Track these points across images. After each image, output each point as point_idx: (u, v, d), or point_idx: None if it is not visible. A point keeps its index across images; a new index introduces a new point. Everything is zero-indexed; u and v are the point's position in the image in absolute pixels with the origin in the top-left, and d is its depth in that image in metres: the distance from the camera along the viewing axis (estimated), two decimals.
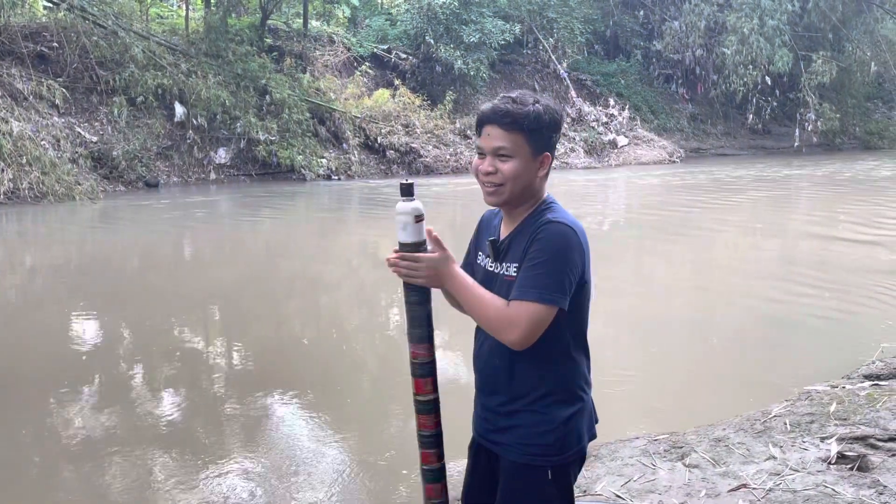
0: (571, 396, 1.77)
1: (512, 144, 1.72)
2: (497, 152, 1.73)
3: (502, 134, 1.72)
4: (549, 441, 1.75)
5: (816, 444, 3.21)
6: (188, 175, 16.17)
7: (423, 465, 1.82)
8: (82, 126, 15.14)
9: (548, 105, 1.76)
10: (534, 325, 1.65)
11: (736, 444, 3.26)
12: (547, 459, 1.75)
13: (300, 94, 17.95)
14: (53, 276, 8.13)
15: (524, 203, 1.79)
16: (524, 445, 1.76)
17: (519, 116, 1.70)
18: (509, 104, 1.72)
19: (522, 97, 1.74)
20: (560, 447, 1.75)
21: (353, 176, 17.96)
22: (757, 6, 24.24)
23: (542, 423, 1.75)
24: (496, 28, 21.85)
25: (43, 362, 5.16)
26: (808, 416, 3.52)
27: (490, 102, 1.78)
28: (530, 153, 1.73)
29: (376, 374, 5.19)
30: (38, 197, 12.23)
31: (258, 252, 9.85)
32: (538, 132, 1.73)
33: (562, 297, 1.66)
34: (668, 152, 23.91)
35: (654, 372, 5.05)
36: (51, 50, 15.72)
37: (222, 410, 4.39)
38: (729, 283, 7.86)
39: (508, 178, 1.73)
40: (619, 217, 13.64)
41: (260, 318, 6.47)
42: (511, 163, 1.72)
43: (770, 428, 3.43)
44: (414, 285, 1.76)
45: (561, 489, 1.78)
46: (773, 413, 3.61)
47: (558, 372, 1.76)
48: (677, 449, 3.26)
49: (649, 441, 3.37)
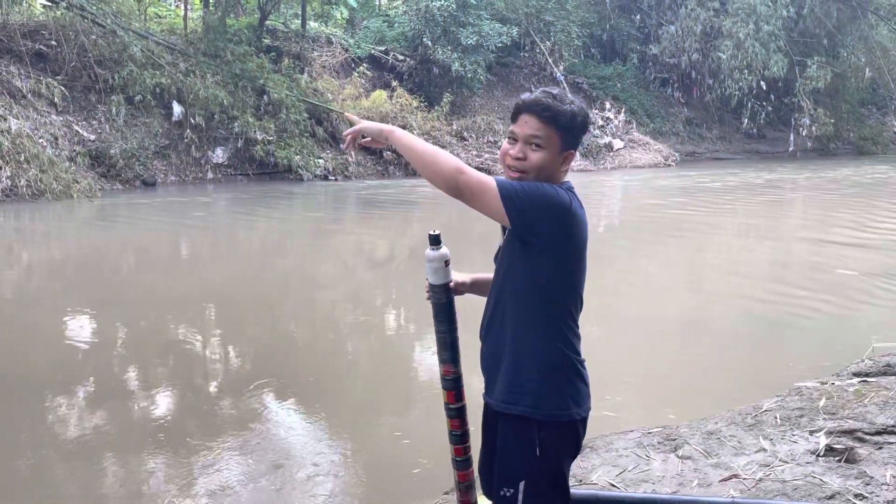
0: (555, 358, 1.87)
1: (545, 136, 1.83)
2: (530, 140, 1.84)
3: (538, 125, 1.83)
4: (528, 388, 1.86)
5: (806, 437, 3.29)
6: (185, 174, 16.21)
7: (454, 457, 2.08)
8: (80, 124, 15.17)
9: (582, 107, 1.89)
10: (471, 187, 1.77)
11: (728, 437, 3.33)
12: (525, 409, 1.85)
13: (298, 95, 18.01)
14: (50, 274, 8.17)
15: None
16: (506, 393, 1.89)
17: (557, 112, 1.83)
18: (548, 98, 1.84)
19: (561, 95, 1.87)
20: (543, 401, 1.86)
21: (350, 177, 18.02)
22: (753, 11, 24.39)
23: (524, 372, 1.87)
24: (493, 30, 21.94)
25: (38, 360, 5.19)
26: (798, 410, 3.60)
27: (531, 94, 1.90)
28: (559, 148, 1.85)
29: (371, 373, 5.23)
30: (36, 195, 12.26)
31: (254, 251, 9.90)
32: (570, 130, 1.86)
33: (511, 201, 1.76)
34: (663, 156, 24.04)
35: (648, 369, 5.13)
36: (49, 48, 15.75)
37: (217, 409, 4.42)
38: (722, 284, 7.94)
39: (534, 167, 1.84)
40: (614, 219, 13.73)
41: (255, 318, 6.52)
42: (540, 153, 1.84)
43: (761, 422, 3.50)
44: (441, 317, 2.00)
45: (549, 448, 1.86)
46: (764, 408, 3.68)
47: (545, 335, 1.87)
48: (671, 441, 3.32)
49: (643, 433, 3.44)
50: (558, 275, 1.86)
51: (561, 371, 1.88)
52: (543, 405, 1.86)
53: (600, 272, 8.49)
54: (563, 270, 1.87)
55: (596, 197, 16.76)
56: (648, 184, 18.90)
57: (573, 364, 1.90)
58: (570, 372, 1.89)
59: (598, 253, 9.83)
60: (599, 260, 9.20)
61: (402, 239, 10.03)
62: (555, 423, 1.86)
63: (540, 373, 1.86)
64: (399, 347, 5.90)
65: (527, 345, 1.87)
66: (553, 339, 1.87)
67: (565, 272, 1.87)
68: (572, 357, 1.90)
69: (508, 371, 1.89)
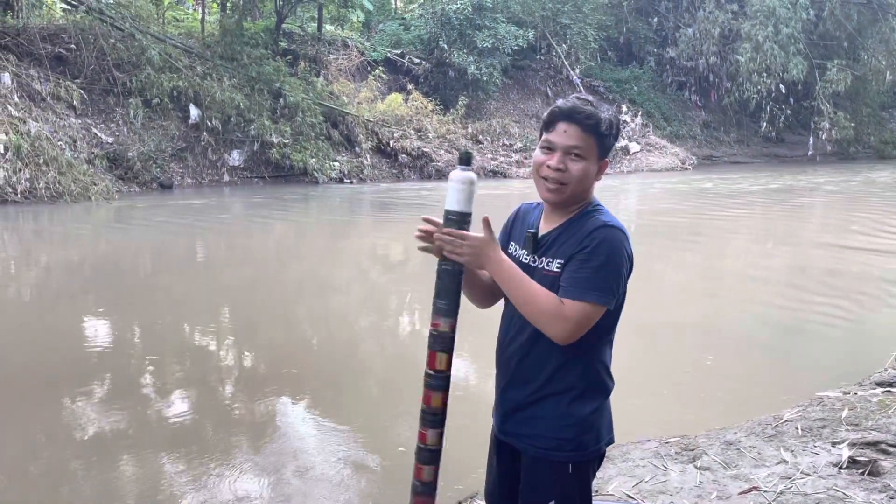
0: (594, 392, 1.79)
1: (586, 145, 1.73)
2: (571, 150, 1.73)
3: (580, 134, 1.73)
4: (569, 435, 1.76)
5: (828, 448, 3.21)
6: (202, 177, 16.29)
7: (419, 444, 1.83)
8: (98, 127, 15.29)
9: (615, 114, 1.80)
10: (583, 323, 1.68)
11: (747, 448, 3.27)
12: (568, 454, 1.76)
13: (314, 98, 18.06)
14: (68, 275, 8.22)
15: (575, 203, 1.80)
16: (545, 438, 1.77)
17: (599, 120, 1.73)
18: (587, 106, 1.74)
19: (596, 103, 1.77)
20: (580, 443, 1.77)
21: (365, 179, 18.03)
22: (772, 14, 24.17)
23: (564, 417, 1.76)
24: (509, 34, 21.90)
25: (56, 361, 5.21)
26: (820, 421, 3.52)
27: (566, 101, 1.78)
28: (597, 157, 1.77)
29: (385, 376, 5.21)
30: (55, 197, 12.37)
31: (269, 254, 9.91)
32: (607, 138, 1.76)
33: (612, 300, 1.70)
34: (680, 159, 23.87)
35: (666, 377, 5.05)
36: (69, 52, 15.90)
37: (232, 412, 4.42)
38: (741, 290, 7.84)
39: (574, 179, 1.74)
40: (630, 223, 13.63)
41: (270, 320, 6.51)
42: (582, 164, 1.74)
43: (782, 432, 3.43)
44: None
45: (581, 486, 1.80)
46: (784, 418, 3.61)
47: (585, 367, 1.78)
48: (688, 451, 3.26)
49: (661, 444, 3.38)
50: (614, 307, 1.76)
51: (601, 405, 1.81)
52: (586, 445, 1.78)
53: None
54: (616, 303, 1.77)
55: (612, 201, 16.64)
56: (665, 188, 18.76)
57: (604, 398, 1.83)
58: (601, 407, 1.82)
59: None
60: None
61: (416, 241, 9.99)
62: (583, 462, 1.80)
63: (584, 414, 1.77)
64: (414, 350, 5.86)
65: (557, 377, 1.76)
66: (595, 373, 1.79)
67: (618, 302, 1.78)
68: (604, 392, 1.83)
69: (546, 413, 1.78)
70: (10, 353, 5.44)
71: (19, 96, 13.59)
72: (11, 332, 6.04)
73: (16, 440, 3.97)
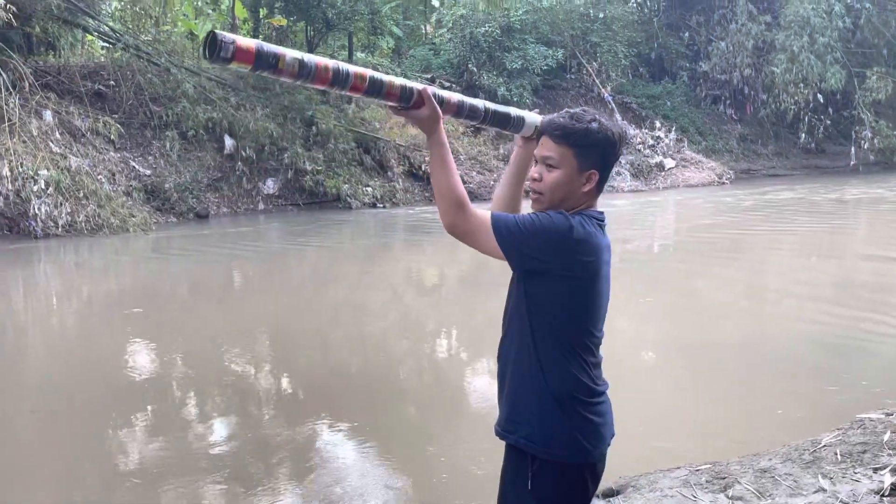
0: (559, 394, 1.79)
1: (559, 156, 1.81)
2: (545, 161, 1.84)
3: (552, 145, 1.82)
4: (527, 422, 1.82)
5: (869, 475, 3.03)
6: (237, 205, 16.50)
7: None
8: (136, 160, 15.62)
9: (604, 125, 1.81)
10: (470, 225, 1.78)
11: (783, 476, 3.09)
12: (527, 443, 1.81)
13: (345, 125, 18.23)
14: (108, 306, 8.33)
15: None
16: (506, 421, 1.88)
17: (569, 131, 1.80)
18: (564, 118, 1.83)
19: (580, 115, 1.82)
20: (539, 437, 1.79)
21: (397, 203, 18.08)
22: (806, 24, 23.77)
23: (522, 404, 1.84)
24: (539, 54, 21.91)
25: (99, 390, 5.25)
26: (861, 445, 3.33)
27: (552, 115, 1.89)
28: (576, 167, 1.81)
29: (423, 401, 5.14)
30: (95, 229, 12.61)
31: (305, 280, 9.94)
32: (587, 148, 1.80)
33: (509, 238, 1.75)
34: (717, 174, 23.47)
35: (700, 398, 4.88)
36: (107, 88, 16.33)
37: (272, 438, 4.39)
38: (782, 307, 7.59)
39: (548, 187, 1.83)
40: (668, 240, 13.38)
41: (307, 346, 6.50)
42: (554, 173, 1.82)
43: (819, 458, 3.25)
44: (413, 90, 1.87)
45: (544, 486, 1.78)
46: (822, 443, 3.42)
47: (553, 376, 1.79)
48: (720, 480, 3.10)
49: (691, 471, 3.23)
50: (564, 304, 1.78)
51: (563, 407, 1.78)
52: (538, 440, 1.79)
53: (656, 296, 8.23)
54: (568, 299, 1.78)
55: (649, 218, 16.40)
56: (702, 203, 18.43)
57: (580, 401, 1.80)
58: (575, 410, 1.79)
59: (652, 276, 9.58)
60: (654, 283, 8.93)
61: (450, 264, 9.94)
62: (550, 462, 1.78)
63: (539, 406, 1.80)
64: (451, 373, 5.80)
65: (527, 376, 1.82)
66: (556, 373, 1.79)
67: (570, 304, 1.79)
68: (577, 394, 1.80)
69: (509, 398, 1.88)
70: (54, 383, 5.51)
71: (60, 133, 13.95)
72: (55, 362, 6.12)
73: (61, 468, 4.01)
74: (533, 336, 1.80)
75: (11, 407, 5.01)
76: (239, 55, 1.67)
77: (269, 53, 1.71)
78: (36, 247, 11.64)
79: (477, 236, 1.78)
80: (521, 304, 1.83)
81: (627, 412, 4.72)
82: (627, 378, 5.34)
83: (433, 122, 1.86)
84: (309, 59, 1.78)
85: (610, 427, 1.86)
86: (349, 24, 19.89)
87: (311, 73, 1.78)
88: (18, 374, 5.84)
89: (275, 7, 19.85)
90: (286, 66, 1.74)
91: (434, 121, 1.86)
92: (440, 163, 1.82)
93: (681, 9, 28.80)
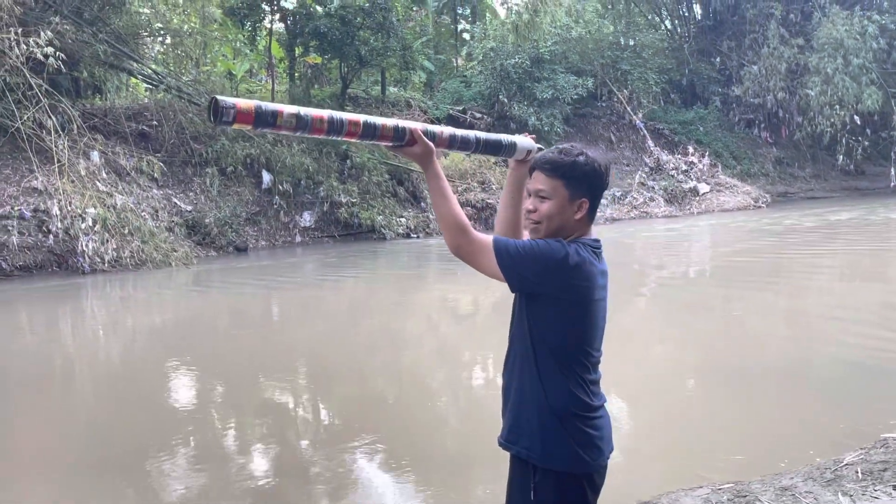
0: (558, 408, 1.92)
1: (549, 188, 1.95)
2: (538, 193, 1.98)
3: (543, 178, 1.96)
4: (529, 433, 1.93)
5: (889, 492, 3.02)
6: (275, 239, 16.84)
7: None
8: (178, 196, 16.09)
9: (591, 158, 1.97)
10: (474, 247, 1.93)
11: (803, 494, 3.09)
12: (528, 453, 1.93)
13: (379, 157, 18.55)
14: (151, 339, 8.56)
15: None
16: (509, 431, 2.00)
17: (558, 164, 1.95)
18: (553, 153, 1.98)
19: (569, 149, 1.98)
20: (540, 447, 1.91)
21: (431, 233, 18.25)
22: (840, 46, 23.58)
23: (524, 416, 1.96)
24: (569, 83, 22.07)
25: (142, 422, 5.40)
26: (882, 464, 3.31)
27: (543, 151, 2.06)
28: (567, 197, 1.95)
29: (460, 430, 5.17)
30: (138, 264, 12.98)
31: (342, 310, 10.09)
32: (576, 179, 1.95)
33: (509, 263, 1.88)
34: (752, 197, 23.23)
35: (728, 419, 4.86)
36: (151, 128, 16.92)
37: (311, 467, 4.47)
38: (821, 331, 7.48)
39: (544, 217, 1.96)
40: (705, 265, 13.27)
41: (344, 375, 6.59)
42: (547, 204, 1.96)
43: (841, 476, 3.23)
44: (405, 129, 2.03)
45: (546, 496, 1.90)
46: (845, 461, 3.41)
47: (552, 390, 1.92)
48: (741, 498, 3.11)
49: (713, 490, 3.23)
50: (560, 325, 1.92)
51: (562, 421, 1.91)
52: (539, 450, 1.91)
53: (692, 322, 8.18)
54: (564, 321, 1.92)
55: (684, 243, 16.29)
56: (739, 227, 18.24)
57: (577, 416, 1.92)
58: (573, 424, 1.91)
59: (689, 302, 9.51)
60: (690, 309, 8.88)
61: (484, 293, 9.99)
62: (551, 472, 1.90)
63: (539, 419, 1.92)
64: (488, 402, 5.80)
65: (529, 391, 1.95)
66: (555, 389, 1.92)
67: (567, 325, 1.92)
68: (575, 409, 1.92)
69: (512, 411, 2.00)
70: (99, 416, 5.67)
71: (106, 172, 14.46)
72: (100, 396, 6.31)
73: (105, 497, 4.11)
74: (534, 354, 1.94)
75: (59, 435, 5.18)
76: (240, 117, 1.82)
77: (267, 112, 1.87)
78: (84, 282, 12.02)
79: (480, 258, 1.93)
80: (523, 324, 1.98)
81: (657, 433, 4.72)
82: (662, 400, 5.33)
83: (427, 157, 2.01)
84: (305, 113, 1.93)
85: (608, 441, 1.99)
86: (381, 61, 20.34)
87: (308, 124, 1.93)
88: (66, 405, 6.03)
89: (310, 46, 20.40)
90: (284, 122, 1.89)
91: (427, 156, 2.01)
92: (439, 192, 1.98)
93: (711, 34, 28.82)
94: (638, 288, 10.68)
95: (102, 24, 16.89)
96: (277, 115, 1.87)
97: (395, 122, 2.05)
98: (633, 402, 5.34)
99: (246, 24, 20.38)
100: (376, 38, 19.33)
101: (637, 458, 4.29)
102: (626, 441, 4.53)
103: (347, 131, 1.98)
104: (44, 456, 4.78)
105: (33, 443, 5.06)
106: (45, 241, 12.91)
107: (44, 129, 13.55)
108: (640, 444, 4.59)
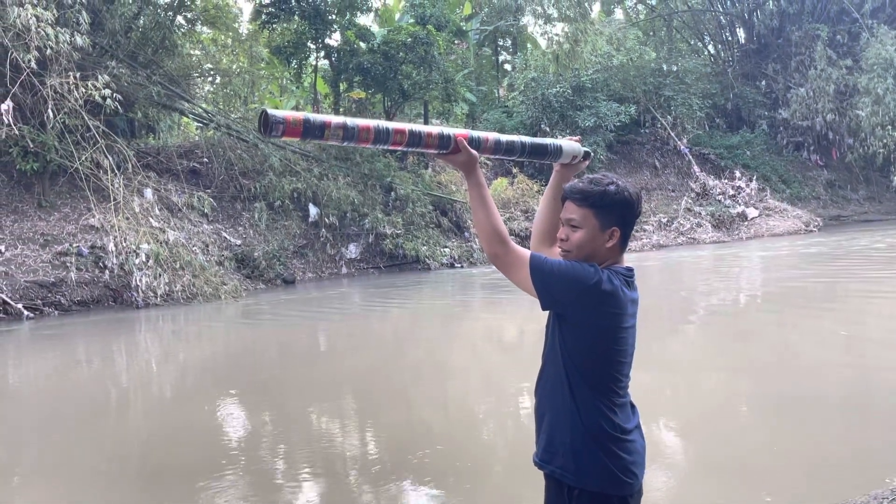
0: (591, 428, 1.94)
1: (580, 217, 1.99)
2: (569, 222, 2.02)
3: (574, 208, 2.01)
4: (563, 453, 1.96)
5: None
6: (322, 271, 17.07)
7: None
8: (228, 231, 16.48)
9: (621, 187, 2.00)
10: (511, 258, 1.98)
11: None
12: (563, 473, 1.95)
13: (423, 189, 18.73)
14: (202, 371, 8.72)
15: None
16: (543, 451, 2.03)
17: (588, 194, 1.99)
18: (584, 184, 2.01)
19: (599, 179, 2.01)
20: (573, 466, 1.93)
21: (475, 263, 18.26)
22: (890, 66, 23.08)
23: (558, 436, 1.99)
24: (611, 111, 22.02)
25: (192, 451, 5.48)
26: None
27: (574, 181, 2.09)
28: (598, 226, 1.99)
29: (507, 460, 5.11)
30: (189, 298, 13.29)
31: (388, 340, 10.13)
32: (606, 209, 1.98)
33: (543, 280, 1.93)
34: (803, 221, 22.69)
35: (783, 448, 4.71)
36: (201, 165, 17.44)
37: (359, 499, 4.47)
38: (881, 358, 7.21)
39: (574, 246, 2.00)
40: (756, 291, 12.95)
41: (391, 405, 6.59)
42: (578, 233, 2.00)
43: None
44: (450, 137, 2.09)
45: None
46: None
47: (585, 412, 1.95)
48: None
49: None
50: (589, 349, 1.94)
51: (595, 442, 1.92)
52: (573, 470, 1.93)
53: (744, 349, 7.98)
54: (594, 346, 1.94)
55: (734, 269, 15.94)
56: (790, 252, 17.79)
57: (611, 437, 1.93)
58: (607, 445, 1.92)
59: (740, 328, 9.27)
60: (742, 336, 8.66)
61: (529, 321, 9.92)
62: (585, 492, 1.91)
63: (572, 439, 1.94)
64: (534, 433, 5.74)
65: (562, 411, 2.01)
66: (588, 409, 1.94)
67: (597, 347, 1.94)
68: (609, 430, 1.93)
69: (546, 431, 2.03)
70: (151, 447, 5.78)
71: (159, 208, 14.92)
72: (152, 427, 6.43)
73: None
74: (566, 375, 1.96)
75: (111, 461, 5.30)
76: (289, 130, 1.89)
77: (315, 125, 1.93)
78: (137, 316, 12.35)
79: (515, 271, 1.98)
80: (555, 345, 2.00)
81: (710, 461, 4.59)
82: (715, 428, 5.19)
83: (470, 165, 2.07)
84: (352, 123, 1.99)
85: (641, 466, 1.98)
86: (424, 94, 20.64)
87: (355, 135, 1.99)
88: (119, 434, 6.17)
89: (354, 81, 20.83)
90: (332, 133, 1.96)
91: (471, 163, 2.07)
92: (480, 201, 2.03)
93: (756, 58, 28.49)
94: (686, 315, 10.47)
95: (156, 66, 17.57)
96: (325, 127, 1.93)
97: (440, 129, 2.09)
98: (685, 431, 5.22)
99: (292, 61, 20.94)
100: (419, 71, 19.65)
101: (689, 485, 4.18)
102: (678, 468, 4.42)
103: (393, 140, 2.04)
104: (98, 480, 4.89)
105: (87, 468, 5.18)
106: (101, 277, 13.34)
107: (100, 168, 14.07)
108: (693, 470, 4.48)
